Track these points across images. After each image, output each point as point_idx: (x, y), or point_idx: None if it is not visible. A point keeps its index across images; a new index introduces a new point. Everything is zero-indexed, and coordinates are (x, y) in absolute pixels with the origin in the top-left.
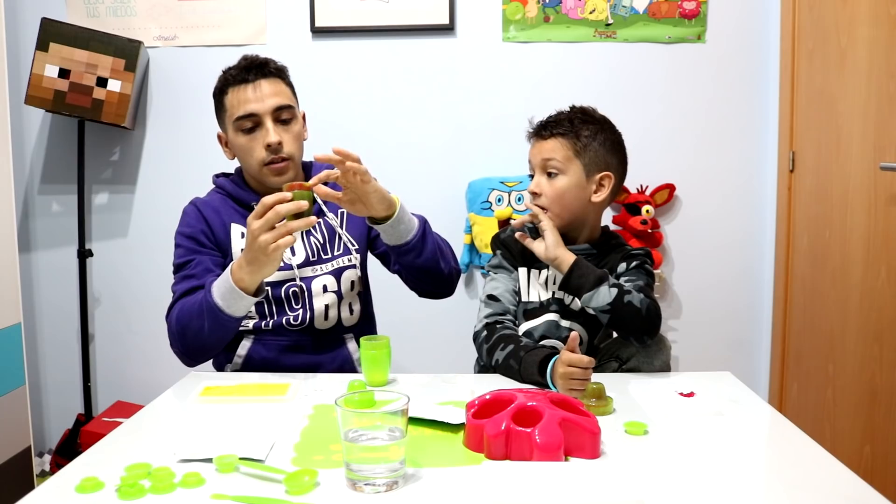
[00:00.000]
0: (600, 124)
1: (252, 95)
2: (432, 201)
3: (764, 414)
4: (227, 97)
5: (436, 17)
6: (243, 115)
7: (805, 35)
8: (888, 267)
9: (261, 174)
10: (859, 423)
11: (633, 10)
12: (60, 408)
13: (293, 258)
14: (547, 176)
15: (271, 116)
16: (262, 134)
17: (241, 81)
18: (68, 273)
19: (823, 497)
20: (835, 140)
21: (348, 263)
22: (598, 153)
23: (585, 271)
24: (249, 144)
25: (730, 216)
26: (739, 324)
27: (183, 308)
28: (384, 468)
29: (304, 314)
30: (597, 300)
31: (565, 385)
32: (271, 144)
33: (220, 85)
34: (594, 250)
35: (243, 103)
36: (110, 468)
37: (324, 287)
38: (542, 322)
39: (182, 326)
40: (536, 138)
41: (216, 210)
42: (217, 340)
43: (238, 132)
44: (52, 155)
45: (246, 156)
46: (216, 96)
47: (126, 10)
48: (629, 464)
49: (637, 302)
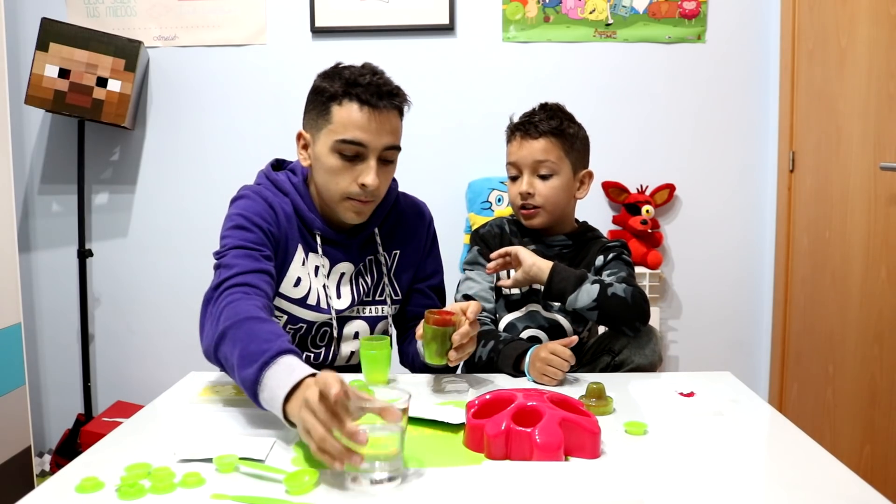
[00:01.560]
0: (577, 124)
1: (370, 125)
2: (432, 201)
3: (764, 414)
4: (339, 108)
5: (436, 17)
6: (351, 141)
7: (805, 35)
8: (888, 267)
9: (339, 205)
10: (859, 423)
11: (633, 10)
12: (60, 408)
13: (338, 301)
14: (539, 177)
15: (378, 154)
16: (361, 168)
17: (366, 103)
18: (68, 273)
19: (823, 497)
20: (835, 140)
21: (385, 314)
22: (581, 151)
23: (565, 274)
24: (341, 172)
25: (730, 216)
26: (739, 324)
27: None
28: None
29: (328, 354)
30: (581, 299)
31: (541, 369)
32: (367, 186)
33: (338, 90)
34: (570, 241)
35: (358, 128)
36: (110, 468)
37: (356, 333)
38: (524, 313)
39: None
40: (524, 137)
41: (288, 219)
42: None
43: (335, 153)
44: (52, 155)
45: (332, 179)
46: (322, 97)
47: (126, 10)
48: (629, 464)
49: (621, 292)
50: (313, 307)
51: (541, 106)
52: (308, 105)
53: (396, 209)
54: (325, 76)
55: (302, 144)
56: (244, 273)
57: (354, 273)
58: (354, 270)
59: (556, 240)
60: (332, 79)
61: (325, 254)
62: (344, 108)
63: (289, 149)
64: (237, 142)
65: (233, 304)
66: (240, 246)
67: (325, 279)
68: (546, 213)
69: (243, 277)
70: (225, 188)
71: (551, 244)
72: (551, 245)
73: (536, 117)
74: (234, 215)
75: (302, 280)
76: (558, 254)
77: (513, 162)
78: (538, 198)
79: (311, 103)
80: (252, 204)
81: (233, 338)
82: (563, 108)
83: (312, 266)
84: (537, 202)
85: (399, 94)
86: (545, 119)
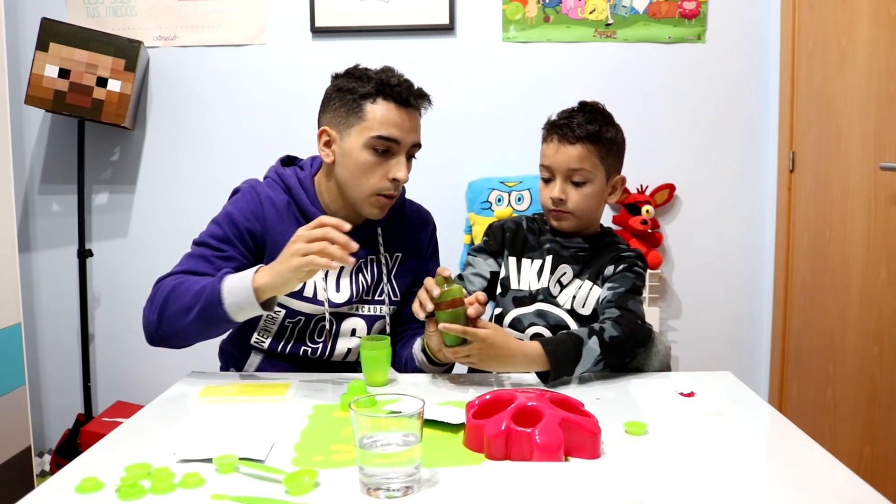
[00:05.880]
0: (615, 127)
1: (404, 122)
2: (432, 201)
3: (764, 414)
4: (374, 106)
5: (436, 17)
6: (387, 137)
7: (805, 35)
8: (888, 267)
9: (366, 200)
10: (859, 423)
11: (633, 10)
12: (60, 408)
13: (337, 294)
14: (572, 183)
15: (407, 151)
16: (392, 163)
17: (401, 102)
18: (68, 273)
19: (823, 497)
20: (835, 140)
21: (383, 313)
22: (616, 157)
23: (563, 348)
24: (373, 168)
25: (730, 216)
26: (739, 324)
27: (181, 282)
28: (399, 472)
29: (325, 350)
30: (588, 360)
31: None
32: (398, 180)
33: (371, 90)
34: (586, 244)
35: (393, 126)
36: (110, 468)
37: (353, 330)
38: (531, 310)
39: (168, 297)
40: (561, 141)
41: (280, 215)
42: (195, 332)
43: (368, 149)
44: (52, 155)
45: (363, 174)
46: (352, 96)
47: (126, 10)
48: (629, 464)
49: (615, 331)
50: (310, 299)
51: (580, 106)
52: (332, 103)
53: (402, 214)
54: (351, 76)
55: (324, 141)
56: (185, 271)
57: (354, 268)
58: (355, 266)
59: (574, 241)
60: (361, 79)
61: None
62: (379, 105)
63: (289, 148)
64: (237, 142)
65: (164, 284)
66: (199, 243)
67: (324, 272)
68: (575, 218)
69: (180, 276)
70: (225, 188)
71: (568, 245)
72: (568, 246)
73: (575, 120)
74: (222, 210)
75: None
76: (573, 255)
77: (547, 165)
78: (570, 204)
79: (336, 101)
80: (240, 200)
81: (175, 298)
82: (604, 109)
83: None
84: (568, 208)
85: (427, 96)
86: (584, 122)
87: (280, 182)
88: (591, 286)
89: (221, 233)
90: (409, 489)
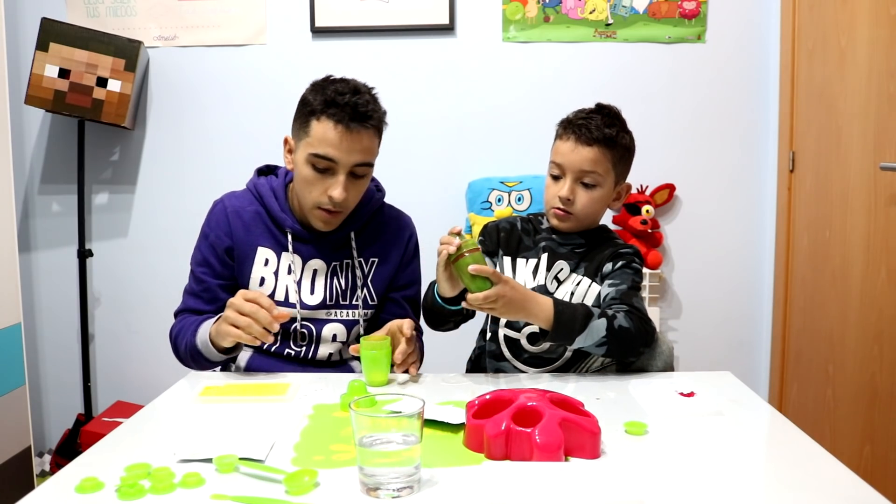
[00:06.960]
0: (629, 133)
1: (341, 143)
2: (432, 201)
3: (764, 414)
4: (316, 123)
5: (436, 17)
6: (323, 156)
7: (805, 35)
8: (888, 267)
9: (310, 212)
10: (859, 423)
11: (633, 10)
12: (60, 408)
13: (311, 297)
14: (583, 185)
15: (347, 170)
16: (331, 181)
17: (340, 122)
18: (68, 273)
19: (823, 497)
20: (835, 140)
21: (361, 317)
22: (626, 164)
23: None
24: (314, 182)
25: (730, 216)
26: (739, 324)
27: (179, 330)
28: (399, 472)
29: (308, 353)
30: (591, 336)
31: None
32: (334, 199)
33: (317, 107)
34: (583, 240)
35: (329, 144)
36: (110, 468)
37: (333, 336)
38: None
39: (175, 344)
40: (578, 141)
41: (246, 227)
42: (199, 366)
43: (308, 164)
44: (52, 155)
45: (306, 188)
46: (306, 109)
47: (126, 10)
48: (629, 464)
49: (626, 322)
50: (281, 303)
51: (597, 107)
52: (295, 113)
53: (379, 219)
54: (313, 88)
55: (287, 149)
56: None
57: (328, 272)
58: (328, 269)
59: (571, 238)
60: (316, 93)
61: (296, 251)
62: (321, 122)
63: None
64: (237, 142)
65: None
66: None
67: (297, 276)
68: (578, 220)
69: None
70: (225, 188)
71: (565, 242)
72: (564, 242)
73: (594, 122)
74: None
75: (266, 279)
76: (570, 252)
77: (559, 163)
78: (577, 205)
79: (297, 112)
80: (210, 218)
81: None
82: (619, 113)
83: (285, 264)
84: (574, 209)
85: (374, 116)
86: (602, 125)
87: (254, 191)
88: (589, 282)
89: (200, 256)
90: (409, 489)
